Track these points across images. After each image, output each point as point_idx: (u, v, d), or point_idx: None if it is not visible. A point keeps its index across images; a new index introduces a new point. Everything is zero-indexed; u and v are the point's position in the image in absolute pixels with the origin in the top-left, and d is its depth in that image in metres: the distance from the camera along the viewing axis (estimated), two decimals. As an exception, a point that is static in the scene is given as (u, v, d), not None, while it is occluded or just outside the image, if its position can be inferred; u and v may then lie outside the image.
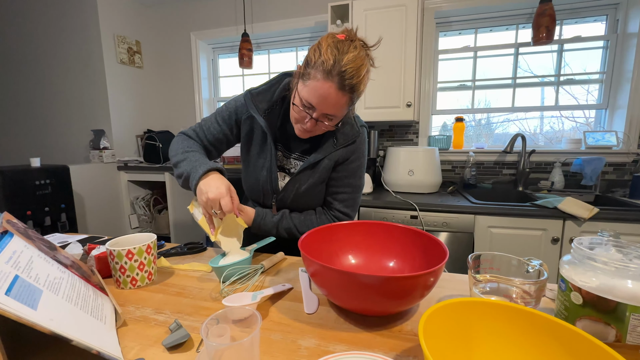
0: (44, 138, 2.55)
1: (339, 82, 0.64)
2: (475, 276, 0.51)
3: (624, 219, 1.29)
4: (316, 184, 0.83)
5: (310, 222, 0.85)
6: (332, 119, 0.71)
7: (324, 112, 0.68)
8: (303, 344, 0.46)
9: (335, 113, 0.69)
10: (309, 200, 0.86)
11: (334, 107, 0.67)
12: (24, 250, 0.45)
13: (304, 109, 0.69)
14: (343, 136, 0.80)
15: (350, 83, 0.64)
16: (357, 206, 0.89)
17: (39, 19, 2.36)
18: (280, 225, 0.84)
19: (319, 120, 0.70)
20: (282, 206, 0.87)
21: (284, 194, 0.84)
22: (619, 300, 0.38)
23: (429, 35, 1.97)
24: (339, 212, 0.87)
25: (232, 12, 2.38)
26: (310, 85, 0.66)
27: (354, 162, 0.84)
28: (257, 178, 0.85)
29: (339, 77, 0.63)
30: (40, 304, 0.38)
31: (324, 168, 0.81)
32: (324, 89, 0.64)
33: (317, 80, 0.65)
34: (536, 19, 1.64)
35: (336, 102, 0.66)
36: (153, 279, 0.67)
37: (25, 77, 2.50)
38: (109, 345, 0.42)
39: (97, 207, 2.15)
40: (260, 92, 0.82)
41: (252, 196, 0.92)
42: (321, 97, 0.66)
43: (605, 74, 1.83)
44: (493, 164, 1.95)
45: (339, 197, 0.86)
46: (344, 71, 0.63)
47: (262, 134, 0.83)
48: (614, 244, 0.45)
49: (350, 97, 0.67)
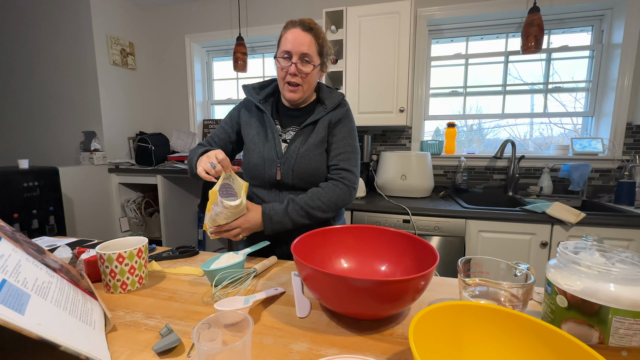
0: (33, 139, 2.50)
1: (302, 26, 0.84)
2: (465, 280, 0.52)
3: (609, 224, 1.32)
4: (315, 143, 0.88)
5: (318, 193, 0.85)
6: (309, 60, 0.85)
7: (299, 52, 0.83)
8: (295, 348, 0.46)
9: (307, 51, 0.84)
10: (311, 162, 0.88)
11: (304, 45, 0.83)
12: (11, 254, 0.44)
13: (285, 59, 0.85)
14: (329, 100, 0.92)
15: (310, 26, 0.85)
16: (358, 169, 0.92)
17: (30, 18, 2.33)
18: (290, 210, 0.83)
19: (299, 63, 0.84)
20: (286, 171, 0.87)
21: (287, 156, 0.88)
22: (602, 303, 0.39)
23: (422, 42, 2.01)
24: (343, 171, 0.88)
25: (227, 15, 2.39)
26: (282, 42, 0.86)
27: (347, 125, 0.92)
28: (260, 151, 0.90)
29: (300, 25, 0.85)
30: (27, 308, 0.38)
31: (320, 127, 0.89)
32: (292, 33, 0.84)
33: (285, 34, 0.85)
34: (525, 28, 1.69)
35: (304, 40, 0.84)
36: (144, 283, 0.66)
37: (15, 77, 2.46)
38: (98, 350, 0.42)
39: (86, 210, 2.11)
40: (255, 87, 0.97)
41: (255, 175, 0.91)
42: (292, 40, 0.83)
43: (591, 83, 1.88)
44: (484, 169, 1.98)
45: (341, 157, 0.90)
46: (303, 20, 0.85)
47: (259, 115, 0.94)
48: (598, 249, 0.47)
49: (314, 38, 0.85)
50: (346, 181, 0.88)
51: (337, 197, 0.86)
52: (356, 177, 0.90)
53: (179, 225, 2.38)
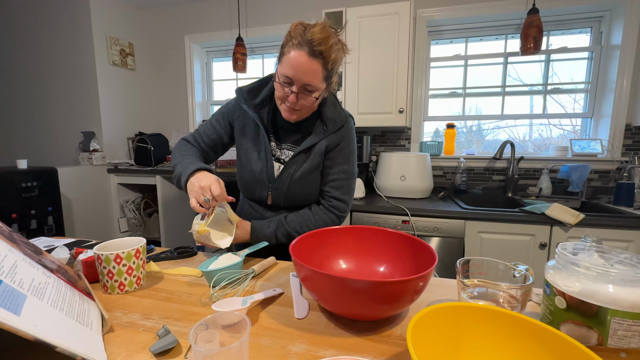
0: (32, 139, 2.49)
1: (309, 49, 0.69)
2: (464, 281, 0.52)
3: (608, 225, 1.32)
4: (310, 170, 0.85)
5: (308, 219, 0.85)
6: (312, 91, 0.74)
7: (302, 83, 0.72)
8: (293, 349, 0.46)
9: (311, 81, 0.72)
10: (304, 189, 0.86)
11: (308, 75, 0.71)
12: (8, 254, 0.44)
13: (285, 85, 0.74)
14: (332, 122, 0.84)
15: (319, 49, 0.69)
16: (352, 194, 0.90)
17: (30, 18, 2.33)
18: (278, 232, 0.85)
19: (300, 93, 0.74)
20: (277, 196, 0.87)
21: (279, 181, 0.85)
22: (600, 305, 0.39)
23: (421, 43, 2.01)
24: (334, 200, 0.87)
25: (226, 16, 2.39)
26: (284, 61, 0.72)
27: (345, 148, 0.87)
28: (253, 170, 0.86)
29: (308, 46, 0.69)
30: (24, 309, 0.38)
31: (317, 153, 0.84)
32: (296, 57, 0.70)
33: (289, 54, 0.71)
34: (524, 29, 1.69)
35: (309, 68, 0.70)
36: (142, 284, 0.66)
37: (15, 77, 2.46)
38: (94, 351, 0.42)
39: (85, 210, 2.11)
40: (250, 89, 0.87)
41: (247, 192, 0.91)
42: (295, 67, 0.70)
43: (590, 84, 1.89)
44: (483, 170, 1.98)
45: (333, 184, 0.87)
46: (312, 39, 0.68)
47: (254, 126, 0.87)
48: (597, 250, 0.47)
49: (321, 64, 0.71)
50: (336, 210, 0.87)
51: (325, 225, 0.86)
52: (347, 206, 0.89)
53: (178, 226, 2.37)
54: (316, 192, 0.89)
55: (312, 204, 0.90)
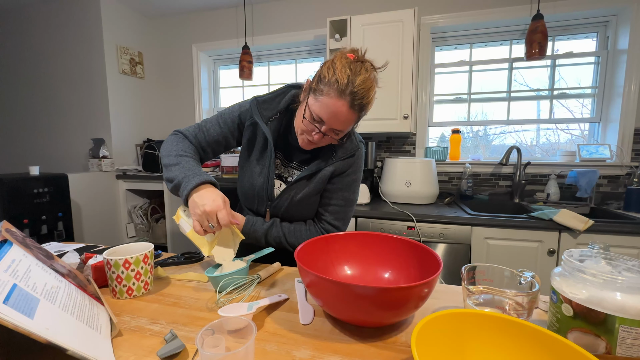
0: (44, 146, 2.56)
1: (351, 101, 0.68)
2: (469, 288, 0.51)
3: (618, 231, 1.30)
4: (311, 194, 0.84)
5: (300, 233, 0.85)
6: (339, 134, 0.75)
7: (332, 127, 0.72)
8: (297, 355, 0.46)
9: (343, 129, 0.73)
10: (303, 211, 0.86)
11: (343, 124, 0.71)
12: (22, 259, 0.45)
13: (313, 122, 0.72)
14: (342, 149, 0.83)
15: (360, 103, 0.69)
16: (347, 220, 0.89)
17: (42, 29, 2.41)
18: (270, 233, 0.84)
19: (326, 134, 0.73)
20: (275, 214, 0.87)
21: (278, 201, 0.84)
22: (607, 312, 0.39)
23: (425, 50, 2.02)
24: (328, 225, 0.87)
25: (233, 25, 2.44)
26: (322, 101, 0.69)
27: (350, 176, 0.85)
28: (253, 184, 0.85)
29: (351, 97, 0.67)
30: (37, 312, 0.39)
31: (321, 179, 0.82)
32: (337, 106, 0.68)
33: (330, 97, 0.68)
34: (529, 35, 1.69)
35: (346, 119, 0.70)
36: (149, 289, 0.67)
37: (26, 86, 2.53)
38: (103, 355, 0.42)
39: (94, 215, 2.14)
40: (266, 100, 0.84)
41: (246, 202, 0.92)
42: (332, 114, 0.69)
43: (598, 89, 1.87)
44: (489, 175, 1.97)
45: (331, 208, 0.86)
46: (356, 92, 0.67)
47: (263, 140, 0.84)
48: (604, 257, 0.46)
49: (358, 116, 0.72)
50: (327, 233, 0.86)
51: None
52: (340, 232, 0.87)
53: (184, 231, 2.39)
54: (314, 212, 0.89)
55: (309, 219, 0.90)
